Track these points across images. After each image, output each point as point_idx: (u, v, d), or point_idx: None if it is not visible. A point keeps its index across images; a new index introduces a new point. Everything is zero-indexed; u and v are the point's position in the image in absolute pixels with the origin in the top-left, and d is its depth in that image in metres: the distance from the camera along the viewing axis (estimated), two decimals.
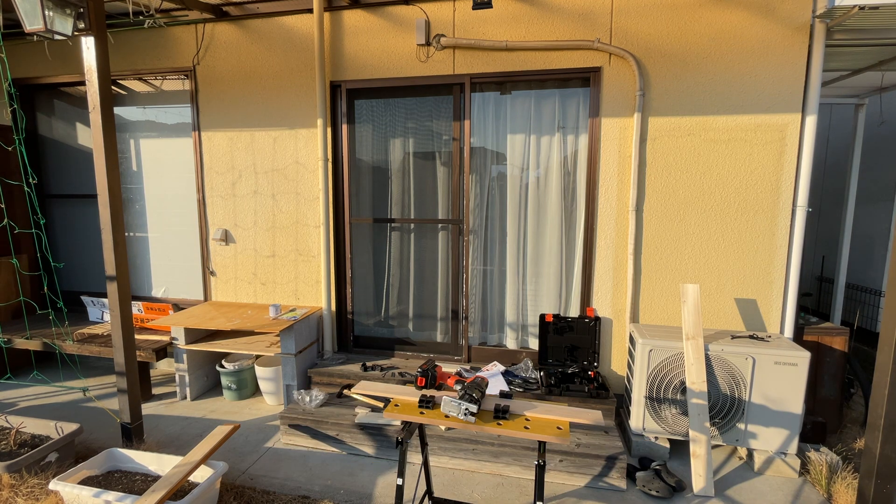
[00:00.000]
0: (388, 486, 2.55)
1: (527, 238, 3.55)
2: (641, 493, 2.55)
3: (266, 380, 3.55)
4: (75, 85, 4.22)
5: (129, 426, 2.88)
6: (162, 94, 4.09)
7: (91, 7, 2.49)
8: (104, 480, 2.44)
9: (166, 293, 4.30)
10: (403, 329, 3.89)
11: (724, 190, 3.08)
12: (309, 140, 3.67)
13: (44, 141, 4.45)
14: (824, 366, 3.14)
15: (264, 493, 2.54)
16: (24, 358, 4.09)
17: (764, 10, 2.89)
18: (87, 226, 4.38)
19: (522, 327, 3.66)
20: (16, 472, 2.43)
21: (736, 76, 2.96)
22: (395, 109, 3.67)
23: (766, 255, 3.06)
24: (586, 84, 3.26)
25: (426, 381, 2.06)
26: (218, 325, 3.44)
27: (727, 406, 2.76)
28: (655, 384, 2.83)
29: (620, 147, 3.18)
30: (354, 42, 3.51)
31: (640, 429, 2.88)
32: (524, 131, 3.44)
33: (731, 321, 3.15)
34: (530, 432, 1.81)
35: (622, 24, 3.07)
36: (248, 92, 3.74)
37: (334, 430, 2.94)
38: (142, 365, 3.59)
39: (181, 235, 4.16)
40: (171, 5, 3.53)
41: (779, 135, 2.96)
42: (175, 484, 2.10)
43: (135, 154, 4.22)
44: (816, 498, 2.55)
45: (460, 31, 3.31)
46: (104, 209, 2.69)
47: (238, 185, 3.88)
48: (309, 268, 3.82)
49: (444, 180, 3.62)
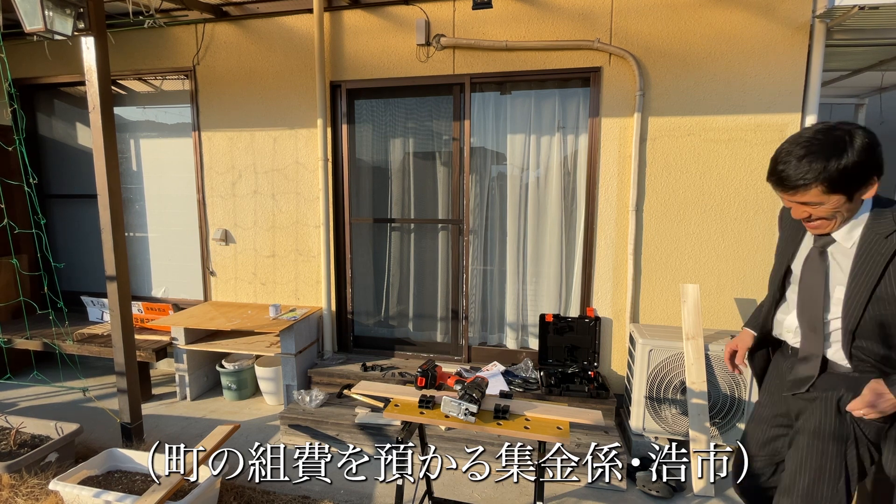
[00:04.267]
0: (388, 486, 2.55)
1: (527, 238, 3.55)
2: (641, 493, 2.56)
3: (266, 380, 3.55)
4: (75, 85, 4.22)
5: (129, 426, 2.88)
6: (162, 94, 4.09)
7: (91, 7, 2.49)
8: (104, 480, 2.44)
9: (166, 293, 4.30)
10: (403, 329, 3.89)
11: (724, 190, 3.07)
12: (309, 140, 3.66)
13: (44, 141, 4.45)
14: None
15: (264, 493, 2.54)
16: (24, 358, 4.08)
17: (764, 10, 2.89)
18: (87, 226, 4.38)
19: (522, 327, 3.66)
20: (16, 472, 2.43)
21: (736, 76, 2.96)
22: (395, 109, 3.67)
23: (766, 254, 3.06)
24: (586, 84, 3.26)
25: (426, 381, 2.06)
26: (218, 325, 3.44)
27: (727, 406, 2.76)
28: (655, 384, 2.83)
29: (620, 147, 3.18)
30: (354, 42, 3.51)
31: (641, 429, 2.88)
32: (524, 131, 3.44)
33: (731, 321, 3.15)
34: (530, 432, 1.81)
35: (622, 24, 3.07)
36: (249, 92, 3.74)
37: (334, 430, 2.94)
38: (142, 365, 3.58)
39: (181, 235, 4.16)
40: (171, 5, 3.53)
41: (779, 135, 2.96)
42: (175, 484, 2.10)
43: (135, 154, 4.22)
44: None
45: (460, 31, 3.31)
46: (104, 209, 2.69)
47: (238, 185, 3.88)
48: (309, 268, 3.82)
49: (444, 180, 3.62)
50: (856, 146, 1.29)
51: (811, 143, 1.33)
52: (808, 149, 1.32)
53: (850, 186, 1.32)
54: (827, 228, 1.43)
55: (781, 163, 1.37)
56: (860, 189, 1.33)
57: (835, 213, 1.38)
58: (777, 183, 1.40)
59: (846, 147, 1.29)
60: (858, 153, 1.29)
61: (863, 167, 1.30)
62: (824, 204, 1.36)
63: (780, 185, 1.40)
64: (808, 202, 1.38)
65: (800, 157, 1.33)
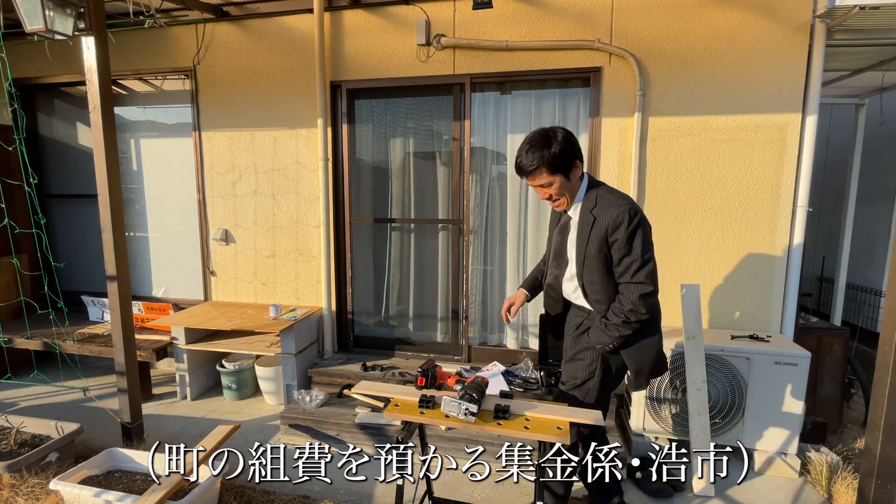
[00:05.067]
0: (389, 486, 2.55)
1: (527, 238, 3.55)
2: (641, 493, 2.55)
3: (266, 380, 3.55)
4: (75, 85, 4.22)
5: (129, 426, 2.88)
6: (162, 93, 4.09)
7: (91, 7, 2.49)
8: (104, 480, 2.44)
9: (166, 293, 4.30)
10: (403, 329, 3.89)
11: (724, 190, 3.07)
12: (309, 140, 3.66)
13: (44, 141, 4.45)
14: (824, 366, 3.14)
15: (264, 493, 2.54)
16: (24, 358, 4.09)
17: (764, 10, 2.88)
18: (88, 226, 4.38)
19: (522, 327, 3.66)
20: (16, 472, 2.43)
21: (736, 76, 2.96)
22: (395, 109, 3.67)
23: (766, 255, 3.06)
24: (586, 84, 3.26)
25: (426, 381, 2.06)
26: (218, 325, 3.44)
27: (727, 406, 2.76)
28: (655, 384, 2.83)
29: (620, 147, 3.18)
30: (355, 42, 3.51)
31: (641, 429, 2.88)
32: (524, 131, 3.44)
33: (731, 321, 3.15)
34: (530, 432, 1.80)
35: (622, 23, 3.07)
36: (249, 92, 3.74)
37: (334, 429, 2.94)
38: (142, 365, 3.58)
39: (181, 235, 4.16)
40: (171, 5, 3.53)
41: (779, 135, 2.96)
42: (175, 484, 2.10)
43: (135, 154, 4.22)
44: (817, 498, 2.55)
45: (460, 31, 3.30)
46: (104, 209, 2.69)
47: (238, 185, 3.88)
48: (309, 268, 3.82)
49: (444, 180, 3.62)
50: (559, 139, 1.86)
51: (532, 141, 1.89)
52: (531, 144, 1.88)
53: (563, 167, 1.88)
54: (563, 206, 2.01)
55: (517, 157, 1.92)
56: (571, 170, 1.90)
57: (562, 192, 1.94)
58: (519, 172, 1.94)
59: (552, 140, 1.86)
60: (561, 143, 1.85)
61: (567, 153, 1.87)
62: (553, 184, 1.91)
63: (521, 172, 1.93)
64: (542, 184, 1.92)
65: (526, 151, 1.88)
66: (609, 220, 1.87)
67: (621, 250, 1.88)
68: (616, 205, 1.88)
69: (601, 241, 1.90)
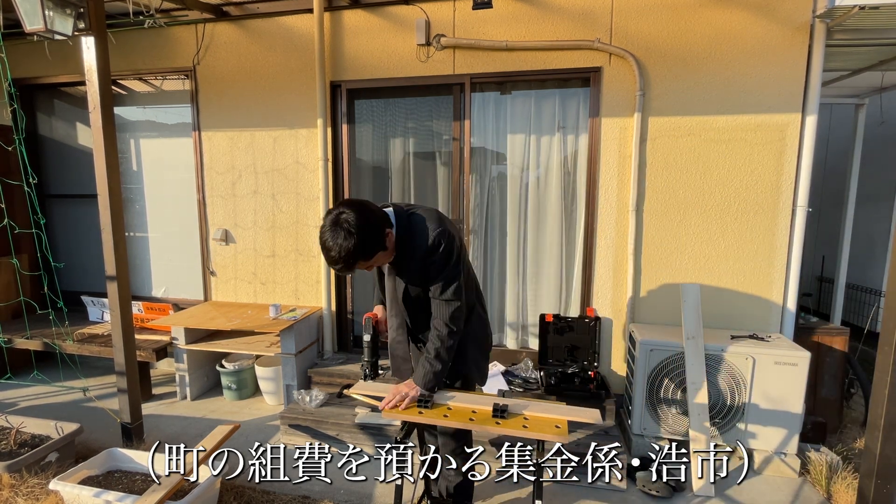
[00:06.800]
0: (388, 486, 2.55)
1: (527, 238, 3.55)
2: (641, 493, 2.56)
3: (266, 380, 3.55)
4: (75, 85, 4.22)
5: (129, 426, 2.88)
6: (162, 93, 4.09)
7: (91, 7, 2.49)
8: (104, 480, 2.44)
9: (166, 293, 4.30)
10: None
11: (724, 190, 3.07)
12: (309, 140, 3.66)
13: (44, 141, 4.45)
14: (824, 366, 3.14)
15: (264, 493, 2.54)
16: (24, 358, 4.08)
17: (764, 10, 2.88)
18: (87, 226, 4.37)
19: (522, 327, 3.66)
20: (16, 472, 2.43)
21: (736, 76, 2.96)
22: (395, 109, 3.67)
23: (766, 255, 3.06)
24: (586, 84, 3.26)
25: None
26: (218, 325, 3.44)
27: (727, 406, 2.76)
28: (655, 384, 2.83)
29: (620, 147, 3.18)
30: (354, 42, 3.50)
31: (641, 429, 2.88)
32: (524, 131, 3.44)
33: (731, 321, 3.15)
34: (529, 431, 1.81)
35: (622, 24, 3.07)
36: (249, 92, 3.74)
37: (334, 429, 2.94)
38: (142, 365, 3.58)
39: (181, 235, 4.16)
40: (171, 5, 3.53)
41: (779, 135, 2.96)
42: (175, 484, 2.10)
43: (135, 154, 4.22)
44: (816, 498, 2.55)
45: (460, 31, 3.30)
46: (104, 209, 2.69)
47: (238, 185, 3.88)
48: (309, 268, 3.82)
49: (444, 180, 3.62)
50: (354, 232, 1.66)
51: (329, 239, 1.69)
52: (333, 241, 1.68)
53: (375, 248, 1.75)
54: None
55: (324, 250, 1.72)
56: (383, 241, 1.77)
57: (389, 255, 1.88)
58: (331, 264, 1.76)
59: (352, 234, 1.66)
60: (359, 235, 1.67)
61: (373, 238, 1.72)
62: (379, 259, 1.83)
63: (333, 265, 1.76)
64: (367, 266, 1.82)
65: (329, 251, 1.70)
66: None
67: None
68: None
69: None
